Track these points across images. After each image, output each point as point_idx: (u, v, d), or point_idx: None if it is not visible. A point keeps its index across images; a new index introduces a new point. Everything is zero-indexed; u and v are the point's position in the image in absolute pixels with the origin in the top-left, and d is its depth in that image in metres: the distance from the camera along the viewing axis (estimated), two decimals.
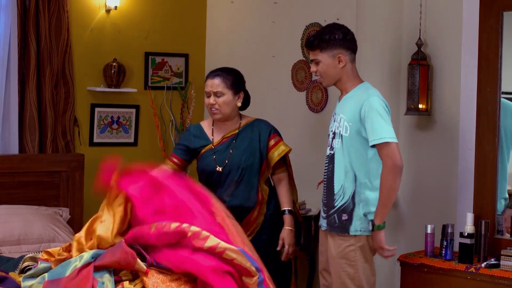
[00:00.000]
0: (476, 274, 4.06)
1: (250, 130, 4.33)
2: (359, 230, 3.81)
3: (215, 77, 4.27)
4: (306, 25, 5.44)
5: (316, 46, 3.86)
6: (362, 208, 3.81)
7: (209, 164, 4.30)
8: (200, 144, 4.35)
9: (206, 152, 4.33)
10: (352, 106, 3.82)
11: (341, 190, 3.85)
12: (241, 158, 4.26)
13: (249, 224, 4.26)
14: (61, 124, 5.63)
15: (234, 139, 4.31)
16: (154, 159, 6.11)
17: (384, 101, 3.82)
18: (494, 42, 4.31)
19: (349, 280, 3.84)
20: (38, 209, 5.06)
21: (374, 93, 3.83)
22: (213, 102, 4.24)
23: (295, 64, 5.55)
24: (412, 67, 4.62)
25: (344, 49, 3.85)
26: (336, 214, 3.87)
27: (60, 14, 5.55)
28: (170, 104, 6.17)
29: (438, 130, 4.66)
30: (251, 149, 4.27)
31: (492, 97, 4.32)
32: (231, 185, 4.25)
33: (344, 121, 3.83)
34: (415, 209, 4.78)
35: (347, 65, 3.87)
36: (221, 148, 4.30)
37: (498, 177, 4.34)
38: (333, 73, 3.88)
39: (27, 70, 5.43)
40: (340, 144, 3.84)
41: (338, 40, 3.84)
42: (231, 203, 4.15)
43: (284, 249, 4.28)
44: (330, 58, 3.85)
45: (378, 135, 3.72)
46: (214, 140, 4.34)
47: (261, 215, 4.30)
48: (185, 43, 6.29)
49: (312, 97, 5.42)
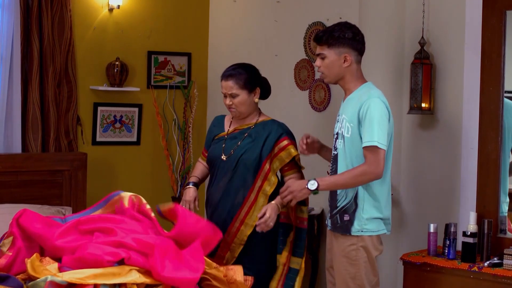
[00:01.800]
0: (479, 273, 4.05)
1: (261, 127, 4.33)
2: (361, 231, 3.81)
3: (228, 79, 4.29)
4: (309, 24, 5.43)
5: (325, 41, 3.86)
6: (364, 209, 3.81)
7: (216, 150, 4.36)
8: (217, 132, 4.44)
9: (218, 139, 4.40)
10: (353, 107, 3.82)
11: (344, 191, 3.85)
12: (241, 151, 4.28)
13: (238, 225, 4.27)
14: (64, 123, 5.63)
15: (245, 132, 4.33)
16: (156, 158, 6.14)
17: (385, 103, 3.81)
18: (497, 41, 4.31)
19: (350, 279, 3.84)
20: (41, 208, 5.06)
21: (376, 94, 3.81)
22: (230, 103, 4.29)
23: (298, 63, 5.55)
24: (415, 66, 4.61)
25: (351, 49, 3.85)
26: (338, 215, 3.87)
27: (63, 13, 5.55)
28: (172, 103, 6.17)
29: (441, 129, 4.66)
30: (253, 145, 4.29)
31: (495, 96, 4.32)
32: (228, 174, 4.29)
33: (346, 122, 3.83)
34: (417, 208, 4.78)
35: (352, 65, 3.86)
36: (231, 138, 4.35)
37: (501, 176, 4.33)
38: (337, 71, 3.87)
39: (30, 69, 5.43)
40: (342, 145, 3.85)
41: (347, 39, 3.84)
42: (224, 193, 4.27)
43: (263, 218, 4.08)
44: (336, 56, 3.85)
45: (369, 138, 3.72)
46: (229, 130, 4.40)
47: (250, 218, 4.27)
48: (187, 42, 6.29)
49: (315, 96, 5.42)
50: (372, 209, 3.82)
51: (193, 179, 4.48)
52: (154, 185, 6.17)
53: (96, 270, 3.56)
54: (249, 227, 4.24)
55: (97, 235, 3.89)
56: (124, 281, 3.57)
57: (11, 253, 3.88)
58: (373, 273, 3.88)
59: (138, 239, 3.73)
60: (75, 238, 3.89)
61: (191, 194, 4.40)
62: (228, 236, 4.26)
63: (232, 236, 4.25)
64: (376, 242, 3.87)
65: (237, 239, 4.25)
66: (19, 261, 3.83)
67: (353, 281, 3.83)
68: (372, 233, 3.82)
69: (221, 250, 4.26)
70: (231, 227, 4.25)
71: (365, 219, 3.80)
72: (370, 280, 3.86)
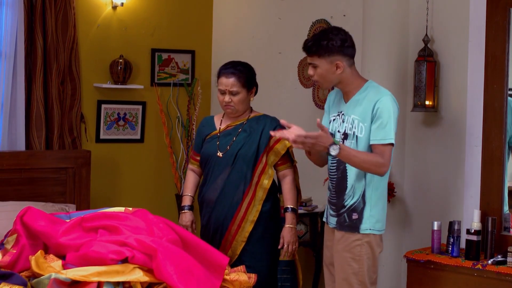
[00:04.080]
0: (482, 271, 4.05)
1: (255, 122, 4.37)
2: (369, 229, 3.81)
3: (230, 76, 4.30)
4: (313, 22, 5.43)
5: (314, 52, 3.80)
6: (372, 207, 3.80)
7: (210, 148, 4.37)
8: (207, 132, 4.44)
9: (210, 137, 4.41)
10: (366, 106, 3.79)
11: (351, 190, 3.84)
12: (238, 146, 4.30)
13: (238, 222, 4.27)
14: (68, 121, 5.64)
15: (239, 128, 4.34)
16: (160, 156, 6.14)
17: (395, 101, 3.81)
18: (501, 39, 4.30)
19: (353, 275, 3.83)
20: (45, 206, 5.06)
21: (387, 93, 3.81)
22: (229, 100, 4.30)
23: (302, 61, 5.54)
24: (419, 64, 4.61)
25: (341, 56, 3.78)
26: (346, 213, 3.86)
27: (66, 10, 5.56)
28: (176, 101, 6.18)
29: (445, 127, 4.65)
30: (250, 139, 4.31)
31: (499, 94, 4.32)
32: (225, 170, 4.29)
33: (359, 122, 3.79)
34: (421, 206, 4.77)
35: (346, 70, 3.81)
36: (225, 135, 4.36)
37: (505, 174, 4.33)
38: (331, 78, 3.83)
39: (34, 67, 5.44)
40: (354, 145, 3.81)
41: (336, 47, 3.77)
42: (223, 190, 4.29)
43: (284, 247, 4.28)
44: (328, 64, 3.79)
45: (386, 135, 3.72)
46: (220, 128, 4.40)
47: (250, 214, 4.29)
48: (191, 40, 6.29)
49: (318, 94, 5.42)
50: (379, 207, 3.81)
51: (188, 200, 4.47)
52: (158, 182, 6.17)
53: (100, 267, 3.57)
54: (249, 223, 4.25)
55: (101, 233, 3.90)
56: (128, 279, 3.57)
57: (15, 250, 3.89)
58: (373, 270, 3.88)
59: (141, 240, 3.72)
60: (79, 235, 3.90)
61: (187, 218, 4.43)
62: (229, 235, 4.26)
63: (233, 234, 4.26)
64: (379, 239, 3.88)
65: (239, 236, 4.26)
66: (23, 259, 3.83)
67: (355, 277, 3.83)
68: (378, 232, 3.83)
69: (223, 249, 4.26)
70: (231, 225, 4.26)
71: (374, 217, 3.80)
72: (370, 276, 3.87)
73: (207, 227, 4.38)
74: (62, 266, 3.69)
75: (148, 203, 5.78)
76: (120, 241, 3.73)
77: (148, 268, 3.65)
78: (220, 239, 4.30)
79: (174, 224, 4.03)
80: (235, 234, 4.26)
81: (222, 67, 4.37)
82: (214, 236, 4.33)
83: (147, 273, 3.64)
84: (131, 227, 3.91)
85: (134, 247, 3.68)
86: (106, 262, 3.60)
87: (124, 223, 3.94)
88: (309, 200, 5.24)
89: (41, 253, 3.75)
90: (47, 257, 3.77)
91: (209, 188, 4.34)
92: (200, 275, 3.70)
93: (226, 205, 4.28)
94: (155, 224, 3.95)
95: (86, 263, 3.63)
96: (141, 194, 6.07)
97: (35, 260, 3.67)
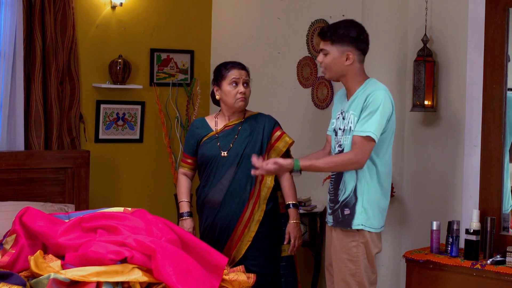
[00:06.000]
0: (481, 270, 4.05)
1: (254, 120, 4.39)
2: (361, 225, 3.81)
3: (243, 68, 4.38)
4: (312, 22, 5.43)
5: (329, 37, 3.86)
6: (364, 202, 3.80)
7: (211, 149, 4.36)
8: (203, 133, 4.43)
9: (208, 139, 4.40)
10: (360, 100, 3.82)
11: (343, 185, 3.85)
12: (241, 146, 4.30)
13: (245, 222, 4.28)
14: (67, 121, 5.63)
15: (238, 127, 4.35)
16: (159, 156, 6.14)
17: (390, 97, 3.81)
18: (500, 39, 4.30)
19: (350, 276, 3.84)
20: (44, 206, 5.06)
21: (382, 87, 3.83)
22: (244, 90, 4.34)
23: (301, 61, 5.54)
24: (418, 64, 4.61)
25: (354, 48, 3.84)
26: (339, 209, 3.87)
27: (65, 10, 5.56)
28: (175, 101, 6.18)
29: (444, 127, 4.66)
30: (252, 138, 4.32)
31: (498, 94, 4.32)
32: (230, 170, 4.29)
33: (355, 117, 3.82)
34: (420, 206, 4.77)
35: (354, 64, 3.86)
36: (224, 135, 4.37)
37: (504, 174, 4.33)
38: (339, 68, 3.87)
39: (33, 67, 5.43)
40: (349, 140, 3.83)
41: (351, 38, 3.83)
42: (228, 190, 4.29)
43: (291, 243, 4.32)
44: (338, 53, 3.84)
45: (367, 127, 3.73)
46: (217, 128, 4.41)
47: (256, 213, 4.30)
48: (190, 40, 6.29)
49: (317, 94, 5.42)
50: (373, 203, 3.81)
51: (186, 206, 4.46)
52: (157, 182, 6.17)
53: (99, 268, 3.57)
54: (255, 223, 4.27)
55: (100, 233, 3.90)
56: (127, 279, 3.57)
57: (14, 250, 3.89)
58: (372, 270, 3.88)
59: (140, 241, 3.72)
60: (78, 235, 3.90)
61: (189, 225, 4.43)
62: (235, 235, 4.26)
63: (239, 235, 4.26)
64: (376, 239, 3.88)
65: (245, 236, 4.26)
66: (22, 259, 3.83)
67: (353, 278, 3.83)
68: (372, 230, 3.82)
69: (228, 250, 4.26)
70: (238, 225, 4.26)
71: (366, 213, 3.80)
72: (369, 276, 3.87)
73: (210, 229, 4.36)
74: (61, 266, 3.69)
75: (147, 203, 5.78)
76: (119, 241, 3.73)
77: (147, 268, 3.65)
78: (226, 240, 4.30)
79: (173, 224, 4.04)
80: (241, 234, 4.27)
81: (225, 63, 4.39)
82: (220, 237, 4.32)
83: (146, 273, 3.64)
84: (130, 227, 3.91)
85: (133, 247, 3.68)
86: (105, 262, 3.60)
87: (123, 223, 3.94)
88: (308, 200, 5.24)
89: (40, 253, 3.75)
90: (46, 257, 3.77)
91: (213, 189, 4.33)
92: (199, 275, 3.70)
93: (233, 205, 4.28)
94: (154, 224, 3.95)
95: (85, 263, 3.63)
96: (140, 194, 6.07)
97: (34, 260, 3.67)
